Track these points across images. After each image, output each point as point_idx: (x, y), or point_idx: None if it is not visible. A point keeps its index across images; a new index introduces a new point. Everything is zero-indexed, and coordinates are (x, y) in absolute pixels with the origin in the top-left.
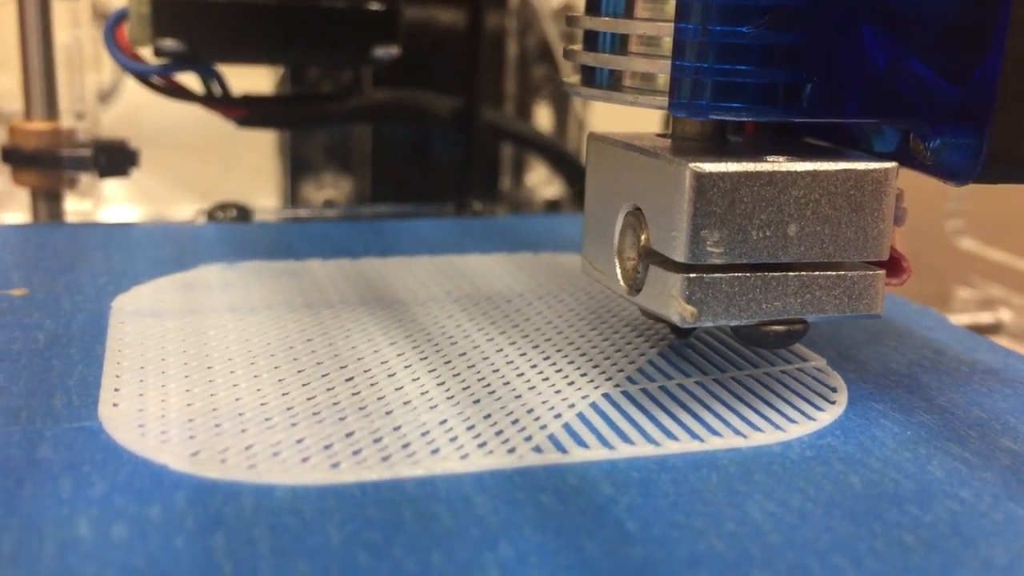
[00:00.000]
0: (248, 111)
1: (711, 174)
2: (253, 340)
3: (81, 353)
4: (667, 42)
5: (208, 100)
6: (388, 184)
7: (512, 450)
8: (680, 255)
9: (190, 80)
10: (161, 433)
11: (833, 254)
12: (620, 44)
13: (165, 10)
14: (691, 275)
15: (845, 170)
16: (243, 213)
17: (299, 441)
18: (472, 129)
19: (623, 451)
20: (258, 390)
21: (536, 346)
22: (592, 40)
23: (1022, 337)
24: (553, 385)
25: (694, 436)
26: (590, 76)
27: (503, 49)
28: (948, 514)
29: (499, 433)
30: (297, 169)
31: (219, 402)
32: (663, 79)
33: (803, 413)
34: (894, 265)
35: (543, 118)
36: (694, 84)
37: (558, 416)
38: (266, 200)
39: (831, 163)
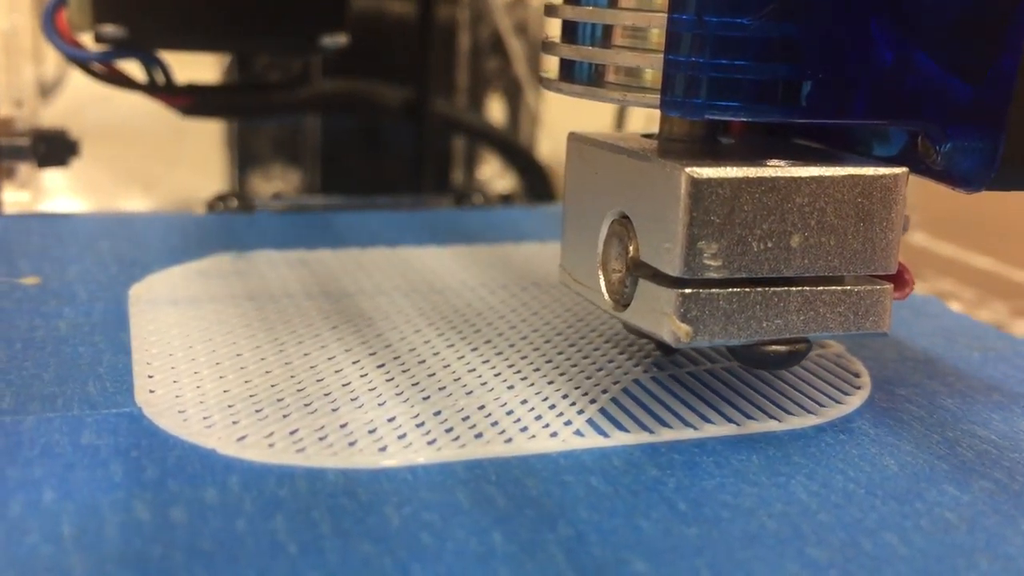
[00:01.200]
0: (193, 100)
1: (709, 180)
2: (278, 327)
3: (106, 341)
4: (655, 34)
5: (151, 89)
6: (338, 176)
7: (554, 434)
8: (674, 268)
9: (133, 68)
10: (204, 418)
11: (838, 267)
12: (603, 36)
13: None
14: (686, 291)
15: (853, 176)
16: (245, 203)
17: (343, 426)
18: (423, 121)
19: (663, 435)
20: (291, 376)
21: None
22: (572, 31)
23: None
24: (583, 371)
25: (729, 420)
26: (570, 71)
27: (455, 41)
28: (984, 493)
29: (538, 418)
30: (245, 161)
31: (255, 388)
32: (651, 74)
33: (831, 398)
34: (897, 276)
35: (496, 110)
36: (689, 80)
37: (593, 401)
38: (214, 192)
39: (837, 168)
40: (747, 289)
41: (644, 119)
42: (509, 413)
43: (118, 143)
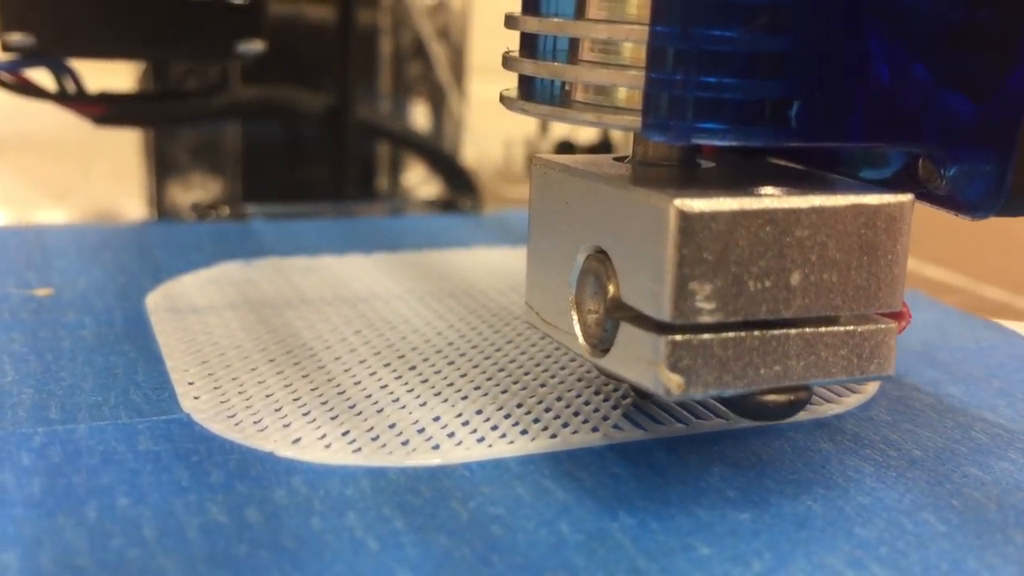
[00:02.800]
0: (106, 109)
1: (701, 213)
2: (303, 333)
3: (136, 350)
4: (629, 48)
5: (62, 98)
6: (260, 184)
7: (595, 429)
8: (663, 312)
9: (43, 77)
10: (255, 423)
11: (841, 306)
12: (570, 50)
13: (13, 3)
14: (676, 337)
15: (856, 205)
16: (236, 211)
17: (391, 426)
18: (345, 127)
19: (696, 425)
20: (329, 380)
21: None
22: (534, 45)
23: None
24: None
25: None
26: (531, 88)
27: (376, 46)
28: (1005, 473)
29: (576, 414)
30: (163, 170)
31: (298, 392)
32: (625, 93)
33: (846, 387)
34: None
35: (420, 116)
36: (673, 101)
37: (625, 397)
38: (132, 203)
39: (839, 196)
40: (743, 334)
41: (568, 126)
42: (547, 410)
43: (29, 152)
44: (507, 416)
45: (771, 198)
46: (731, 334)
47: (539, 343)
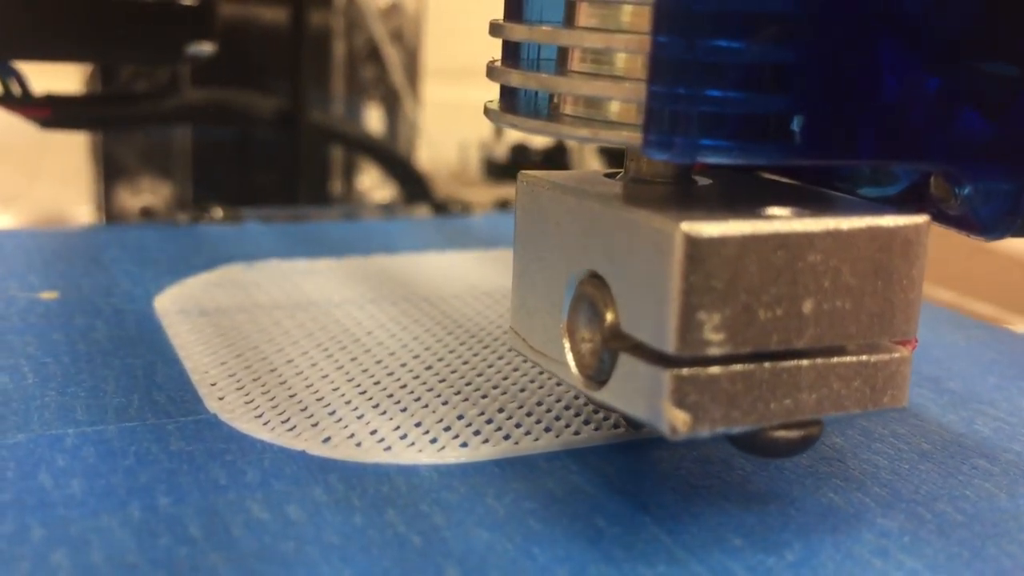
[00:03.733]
0: (52, 112)
1: (711, 239)
2: (316, 334)
3: (152, 352)
4: (622, 58)
5: (7, 100)
6: (210, 188)
7: (616, 426)
8: (667, 344)
9: None
10: (283, 422)
11: (855, 334)
12: (557, 60)
13: None
14: (683, 372)
15: (871, 228)
16: (230, 214)
17: (417, 424)
18: (298, 131)
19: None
20: (349, 380)
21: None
22: (515, 55)
23: None
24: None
25: None
26: (514, 101)
27: (329, 49)
28: (1011, 464)
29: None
30: (111, 174)
31: (321, 392)
32: (618, 107)
33: None
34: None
35: (374, 119)
36: (676, 116)
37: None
38: (80, 207)
39: (853, 219)
40: (752, 366)
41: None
42: (567, 408)
43: None
44: (528, 415)
45: (782, 221)
46: (740, 367)
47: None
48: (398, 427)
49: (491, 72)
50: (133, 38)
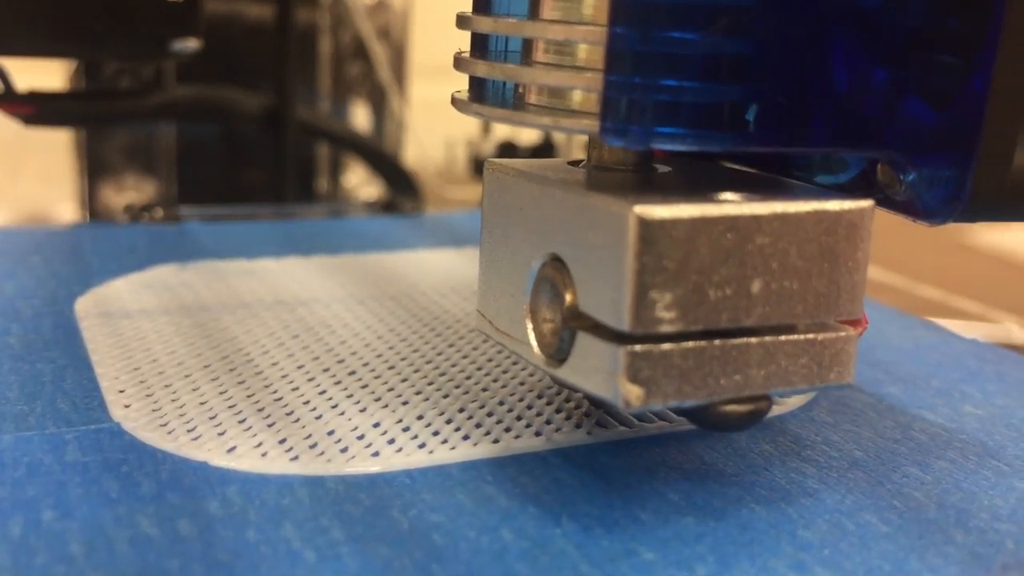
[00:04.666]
0: (35, 109)
1: (662, 221)
2: (240, 338)
3: (65, 356)
4: (584, 49)
5: None
6: (195, 186)
7: (538, 433)
8: (623, 322)
9: None
10: (188, 431)
11: (802, 313)
12: (522, 52)
13: None
14: (636, 348)
15: (817, 211)
16: (170, 213)
17: (330, 433)
18: (284, 128)
19: (641, 430)
20: (266, 386)
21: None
22: (486, 45)
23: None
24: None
25: None
26: (483, 91)
27: (316, 45)
28: (944, 472)
29: (519, 419)
30: (95, 171)
31: (233, 399)
32: (580, 96)
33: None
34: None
35: (360, 117)
36: (632, 104)
37: (568, 400)
38: (64, 205)
39: (800, 203)
40: (703, 343)
41: (509, 127)
42: (489, 415)
43: None
44: (449, 421)
45: (732, 205)
46: (691, 344)
47: (481, 346)
48: (309, 436)
49: (458, 63)
50: (117, 34)
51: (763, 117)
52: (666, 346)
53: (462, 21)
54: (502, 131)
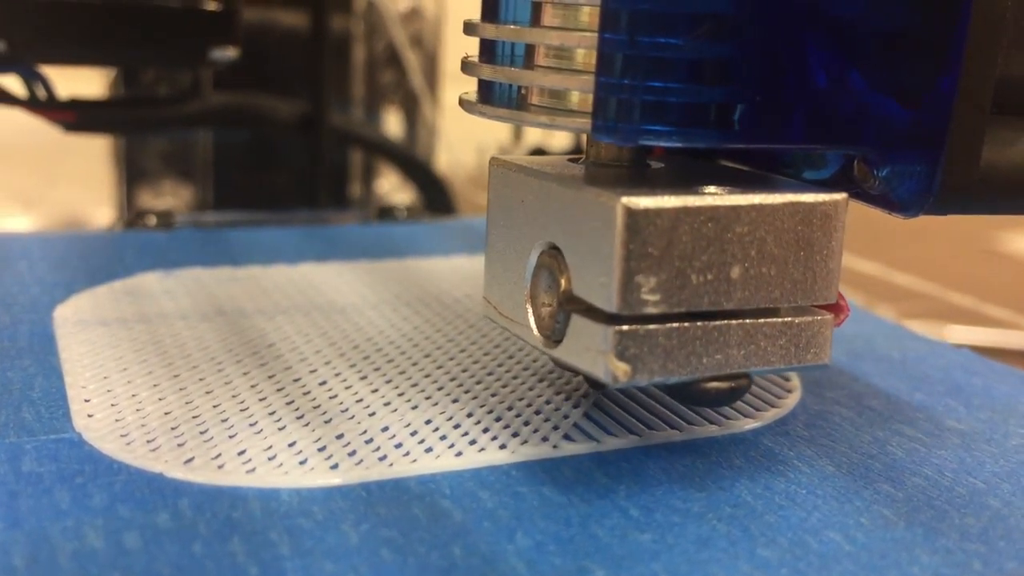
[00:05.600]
0: (77, 116)
1: (646, 210)
2: (214, 346)
3: (36, 365)
4: (581, 54)
5: (32, 104)
6: (231, 191)
7: (503, 446)
8: (610, 304)
9: (12, 83)
10: (148, 442)
11: (779, 298)
12: (526, 56)
13: None
14: (623, 328)
15: (793, 203)
16: (164, 220)
17: (291, 444)
18: (319, 135)
19: (608, 443)
20: (233, 396)
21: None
22: (492, 51)
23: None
24: (524, 383)
25: (671, 426)
26: (491, 93)
27: (349, 53)
28: (917, 490)
29: (486, 431)
30: (133, 177)
31: (197, 409)
32: (578, 97)
33: (765, 401)
34: (832, 304)
35: (392, 123)
36: (621, 104)
37: (538, 413)
38: (101, 210)
39: (777, 195)
40: (686, 324)
41: (542, 131)
42: (456, 427)
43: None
44: (413, 434)
45: (712, 196)
46: (675, 324)
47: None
48: (270, 447)
49: (465, 66)
50: (157, 43)
51: (744, 116)
52: (651, 326)
53: (469, 28)
54: (533, 137)
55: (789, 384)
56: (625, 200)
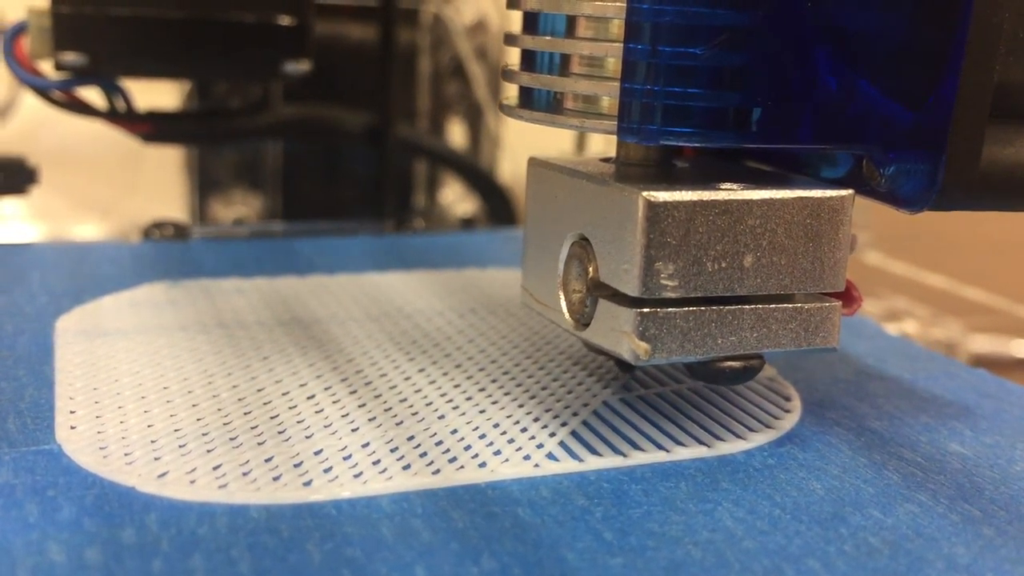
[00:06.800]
0: (154, 127)
1: (665, 203)
2: (207, 359)
3: (30, 375)
4: (612, 63)
5: (112, 116)
6: (300, 201)
7: (483, 464)
8: (632, 289)
9: (93, 95)
10: (125, 455)
11: (789, 285)
12: (561, 65)
13: (66, 23)
14: (644, 310)
15: (801, 198)
16: (180, 231)
17: (268, 460)
18: (385, 146)
19: (592, 463)
20: (218, 410)
21: (495, 362)
22: (531, 60)
23: (927, 347)
24: (515, 400)
25: (659, 447)
26: (529, 98)
27: (415, 65)
28: (908, 516)
29: (467, 448)
30: (205, 186)
31: (180, 423)
32: (608, 102)
33: (761, 422)
34: (845, 294)
35: (456, 134)
36: (644, 108)
37: (524, 431)
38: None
39: (787, 191)
40: (702, 308)
41: (604, 141)
42: (438, 443)
43: (73, 166)
44: (393, 450)
45: (727, 191)
46: (692, 308)
47: (445, 366)
48: (246, 462)
49: (506, 74)
50: (234, 56)
51: (758, 119)
52: (670, 309)
53: (510, 39)
54: (597, 146)
55: (788, 404)
56: (646, 194)
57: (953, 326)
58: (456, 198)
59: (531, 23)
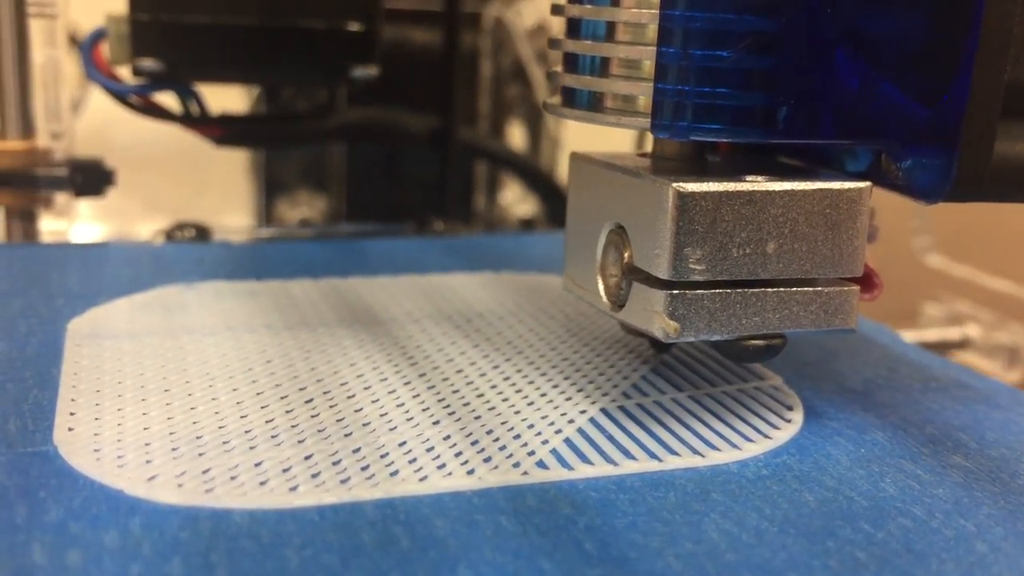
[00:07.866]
0: (226, 130)
1: (693, 193)
2: (211, 362)
3: (36, 377)
4: (648, 65)
5: (186, 120)
6: (363, 202)
7: (471, 471)
8: (663, 272)
9: (167, 99)
10: (117, 458)
11: (810, 271)
12: (601, 67)
13: (144, 30)
14: (674, 291)
15: (821, 189)
16: (201, 233)
17: (257, 464)
18: (448, 148)
19: (582, 471)
20: (216, 413)
21: (497, 367)
22: (573, 62)
23: (989, 352)
24: (513, 406)
25: (652, 456)
26: (571, 97)
27: (477, 68)
28: (900, 531)
29: (458, 455)
30: (271, 188)
31: (176, 426)
32: (644, 101)
33: (759, 431)
34: (866, 280)
35: (516, 137)
36: (675, 106)
37: (517, 437)
38: (238, 219)
39: (807, 183)
40: (728, 290)
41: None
42: (429, 450)
43: (142, 167)
44: (382, 456)
45: (751, 183)
46: (718, 290)
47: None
48: (236, 466)
49: (550, 76)
50: (304, 62)
51: (783, 116)
52: (698, 291)
53: (554, 43)
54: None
55: (790, 414)
56: (676, 185)
57: (1017, 330)
58: (515, 199)
59: (575, 28)
